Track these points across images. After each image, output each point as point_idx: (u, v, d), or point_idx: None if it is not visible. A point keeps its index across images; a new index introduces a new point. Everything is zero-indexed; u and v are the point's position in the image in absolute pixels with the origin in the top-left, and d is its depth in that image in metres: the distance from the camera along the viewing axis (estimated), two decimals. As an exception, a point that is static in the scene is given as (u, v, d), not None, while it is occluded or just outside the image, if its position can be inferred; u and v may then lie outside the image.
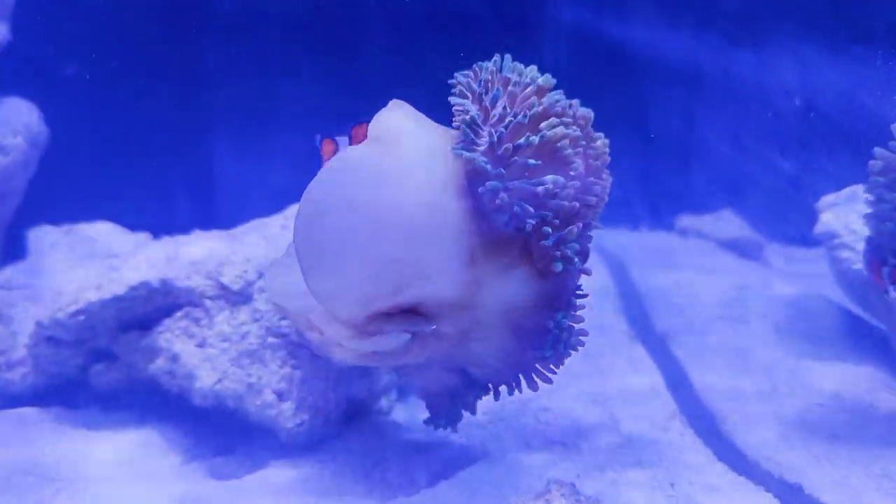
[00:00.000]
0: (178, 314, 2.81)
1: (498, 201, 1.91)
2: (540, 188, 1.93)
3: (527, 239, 1.97)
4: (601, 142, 2.15)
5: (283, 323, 2.70)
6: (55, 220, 3.73)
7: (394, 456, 2.66)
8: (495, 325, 2.09)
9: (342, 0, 4.26)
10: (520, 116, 1.96)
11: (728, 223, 4.51)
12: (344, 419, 2.78)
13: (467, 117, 1.97)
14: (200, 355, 2.73)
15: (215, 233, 3.32)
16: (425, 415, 2.43)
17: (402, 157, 1.96)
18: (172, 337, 2.78)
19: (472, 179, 1.94)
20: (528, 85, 2.04)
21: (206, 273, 2.82)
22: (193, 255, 2.89)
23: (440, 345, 2.10)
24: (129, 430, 2.84)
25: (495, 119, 2.00)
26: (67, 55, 4.09)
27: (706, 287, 3.64)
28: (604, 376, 3.09)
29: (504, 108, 2.01)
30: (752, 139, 4.29)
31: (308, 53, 4.26)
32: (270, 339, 2.70)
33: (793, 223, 4.35)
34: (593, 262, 4.05)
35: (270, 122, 4.20)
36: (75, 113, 4.06)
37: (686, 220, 4.63)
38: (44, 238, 3.54)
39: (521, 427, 2.82)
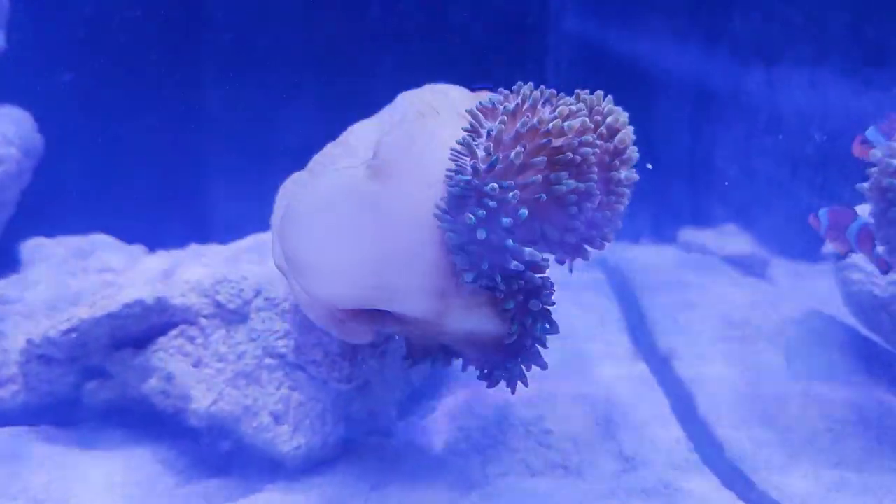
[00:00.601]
0: (173, 332, 2.74)
1: (463, 261, 1.90)
2: (513, 263, 1.91)
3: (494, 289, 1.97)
4: (626, 175, 2.08)
5: (280, 343, 2.64)
6: (49, 232, 3.67)
7: (393, 480, 2.59)
8: (461, 342, 2.15)
9: (342, 18, 4.21)
10: (510, 157, 1.89)
11: (732, 238, 4.44)
12: (342, 441, 2.71)
13: (462, 160, 1.92)
14: (196, 375, 2.66)
15: (212, 247, 3.27)
16: (424, 438, 2.38)
17: (399, 189, 1.94)
18: (167, 356, 2.72)
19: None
20: (550, 120, 1.94)
21: (202, 291, 2.75)
22: (189, 272, 2.83)
23: (416, 331, 2.19)
24: (122, 450, 2.77)
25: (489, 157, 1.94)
26: (64, 63, 4.03)
27: (711, 306, 3.58)
28: (607, 399, 3.02)
29: (508, 141, 1.95)
30: (763, 159, 4.24)
31: (308, 68, 4.21)
32: (268, 360, 2.64)
33: (798, 238, 4.30)
34: (595, 278, 4.01)
35: (269, 134, 4.14)
36: (71, 122, 4.00)
37: (689, 234, 4.57)
38: (37, 250, 3.48)
39: (522, 449, 2.75)
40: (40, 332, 2.76)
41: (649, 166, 2.23)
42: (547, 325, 2.06)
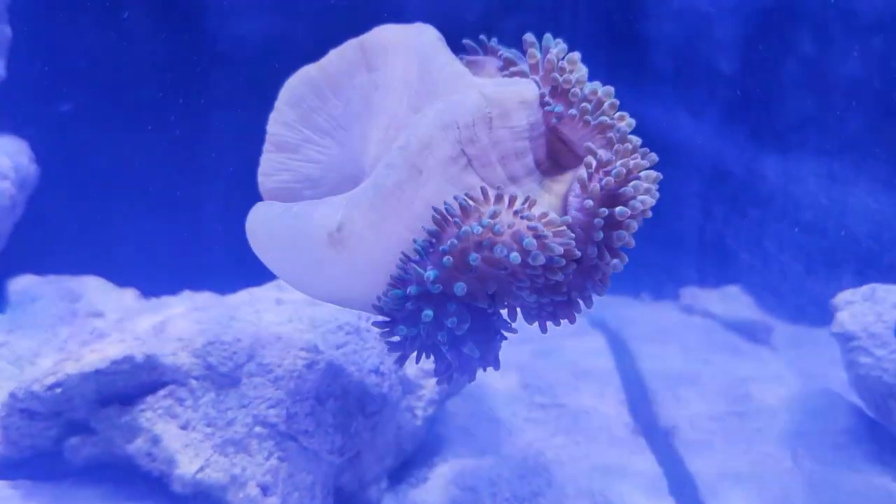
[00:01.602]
0: (162, 392, 2.65)
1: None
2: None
3: None
4: (628, 226, 1.94)
5: (272, 412, 2.55)
6: (40, 268, 3.59)
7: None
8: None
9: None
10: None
11: (735, 301, 4.38)
12: (331, 513, 2.63)
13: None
14: (183, 439, 2.57)
15: (205, 297, 3.18)
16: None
17: (350, 265, 1.92)
18: (154, 416, 2.62)
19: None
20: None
21: (194, 351, 2.66)
22: (181, 328, 2.74)
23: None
24: (102, 510, 2.67)
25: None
26: (63, 94, 3.95)
27: (713, 378, 3.50)
28: (605, 473, 2.94)
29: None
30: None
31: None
32: (258, 429, 2.55)
33: (803, 304, 4.23)
34: (595, 341, 3.93)
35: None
36: (68, 153, 3.93)
37: (691, 295, 4.50)
38: (26, 290, 3.39)
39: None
40: (24, 385, 2.66)
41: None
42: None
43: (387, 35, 2.25)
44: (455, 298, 1.78)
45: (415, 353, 1.93)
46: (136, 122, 3.97)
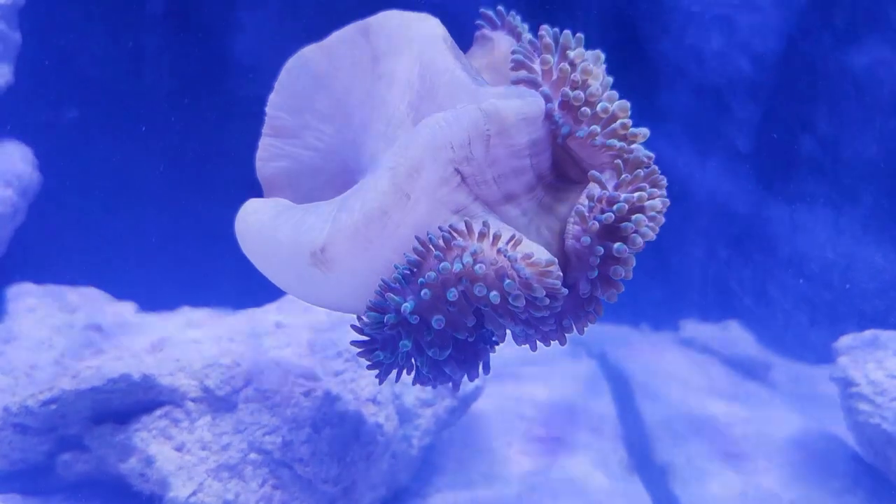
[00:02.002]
0: (158, 412, 2.63)
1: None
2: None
3: None
4: (625, 262, 1.86)
5: (268, 439, 2.53)
6: (39, 276, 3.56)
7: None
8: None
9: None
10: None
11: (735, 337, 4.36)
12: (322, 543, 2.60)
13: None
14: (177, 461, 2.55)
15: (204, 314, 3.17)
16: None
17: (334, 284, 1.90)
18: (149, 436, 2.60)
19: None
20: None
21: (192, 373, 2.64)
22: (180, 350, 2.72)
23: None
24: (91, 528, 2.65)
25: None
26: (70, 101, 3.93)
27: (711, 416, 3.48)
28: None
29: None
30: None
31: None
32: (253, 455, 2.52)
33: (804, 343, 4.22)
34: (595, 374, 3.90)
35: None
36: (72, 163, 3.90)
37: (691, 328, 4.48)
38: (23, 298, 3.36)
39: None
40: (18, 399, 2.64)
41: None
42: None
43: (392, 23, 2.12)
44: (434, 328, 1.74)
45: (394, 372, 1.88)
46: (141, 132, 3.95)
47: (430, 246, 1.73)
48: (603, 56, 1.97)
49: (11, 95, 3.74)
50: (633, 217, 1.77)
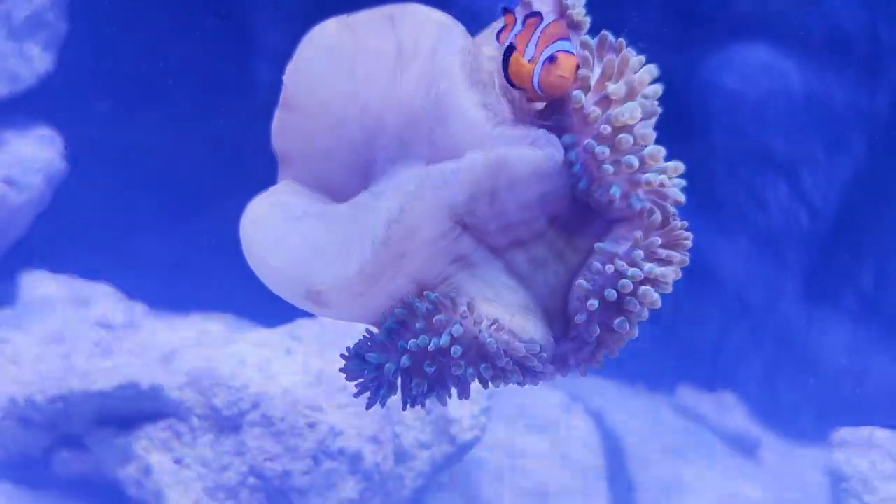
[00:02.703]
0: (162, 423, 2.66)
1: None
2: None
3: None
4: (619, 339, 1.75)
5: (268, 465, 2.56)
6: (55, 265, 3.59)
7: None
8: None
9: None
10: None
11: (729, 410, 4.38)
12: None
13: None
14: (175, 474, 2.58)
15: (217, 326, 3.19)
16: None
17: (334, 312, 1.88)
18: (150, 446, 2.63)
19: None
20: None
21: (200, 389, 2.67)
22: (191, 362, 2.74)
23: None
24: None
25: None
26: (104, 93, 3.95)
27: (700, 492, 3.51)
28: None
29: None
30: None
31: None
32: (252, 480, 2.55)
33: (798, 425, 4.24)
34: (589, 431, 3.93)
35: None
36: (101, 155, 3.92)
37: (687, 395, 4.50)
38: (37, 287, 3.40)
39: None
40: (26, 392, 2.67)
41: None
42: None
43: (417, 19, 1.96)
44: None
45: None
46: (171, 128, 3.96)
47: (413, 311, 1.65)
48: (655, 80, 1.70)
49: (48, 84, 3.78)
50: (641, 291, 1.58)
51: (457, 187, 1.69)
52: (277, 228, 2.06)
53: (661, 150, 1.59)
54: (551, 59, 1.42)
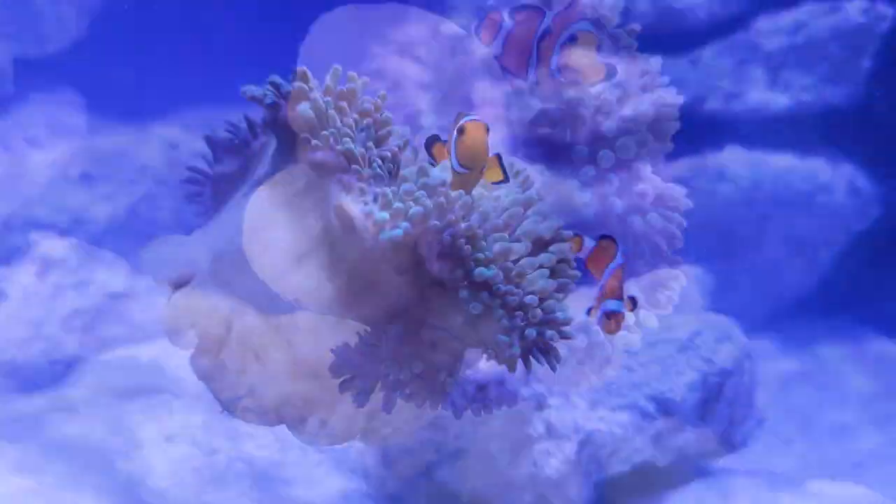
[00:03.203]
0: (157, 399, 2.70)
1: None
2: None
3: None
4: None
5: (258, 453, 2.60)
6: (65, 230, 3.60)
7: None
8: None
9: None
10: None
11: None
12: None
13: None
14: (165, 451, 2.61)
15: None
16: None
17: None
18: (143, 419, 2.67)
19: None
20: None
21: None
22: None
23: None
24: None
25: None
26: (128, 62, 3.97)
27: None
28: None
29: None
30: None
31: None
32: (239, 465, 2.59)
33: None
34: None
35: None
36: (123, 123, 3.94)
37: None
38: (45, 245, 3.41)
39: None
40: (25, 353, 2.70)
41: None
42: None
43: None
44: None
45: None
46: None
47: None
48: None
49: (77, 49, 3.81)
50: None
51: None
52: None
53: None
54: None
